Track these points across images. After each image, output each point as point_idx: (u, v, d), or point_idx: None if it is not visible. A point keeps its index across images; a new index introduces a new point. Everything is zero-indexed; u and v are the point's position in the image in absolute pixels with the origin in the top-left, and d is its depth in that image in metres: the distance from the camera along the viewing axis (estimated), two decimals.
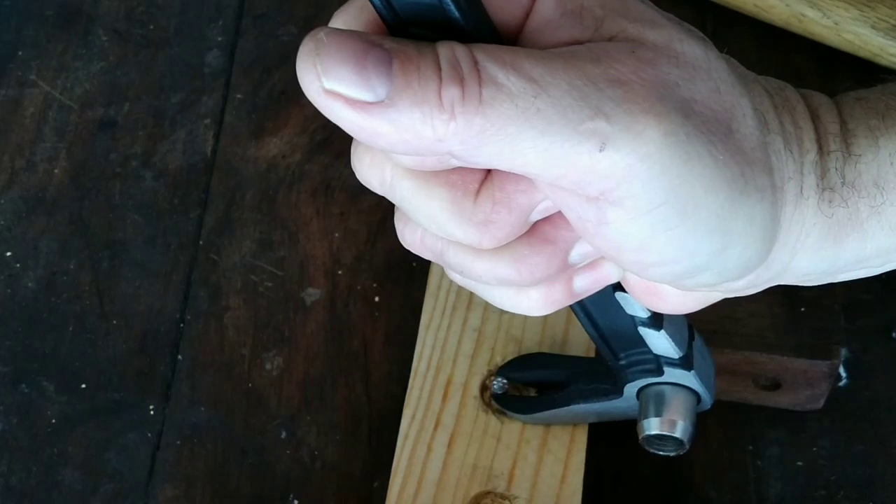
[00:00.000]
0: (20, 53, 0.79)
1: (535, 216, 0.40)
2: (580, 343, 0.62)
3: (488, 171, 0.40)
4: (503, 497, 0.57)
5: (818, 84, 0.77)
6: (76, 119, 0.76)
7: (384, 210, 0.72)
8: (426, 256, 0.43)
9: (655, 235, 0.39)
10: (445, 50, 0.36)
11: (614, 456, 0.62)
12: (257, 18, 0.80)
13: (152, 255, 0.71)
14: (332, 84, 0.36)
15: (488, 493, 0.58)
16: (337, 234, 0.71)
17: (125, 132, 0.75)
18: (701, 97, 0.38)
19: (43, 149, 0.75)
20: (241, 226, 0.72)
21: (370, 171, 0.41)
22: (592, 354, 0.61)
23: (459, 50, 0.37)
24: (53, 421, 0.65)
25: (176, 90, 0.77)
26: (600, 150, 0.37)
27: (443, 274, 0.64)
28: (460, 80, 0.36)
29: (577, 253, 0.42)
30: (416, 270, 0.69)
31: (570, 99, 0.36)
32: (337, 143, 0.74)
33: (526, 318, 0.62)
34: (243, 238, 0.71)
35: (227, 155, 0.74)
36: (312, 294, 0.69)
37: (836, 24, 0.73)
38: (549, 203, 0.40)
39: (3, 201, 0.73)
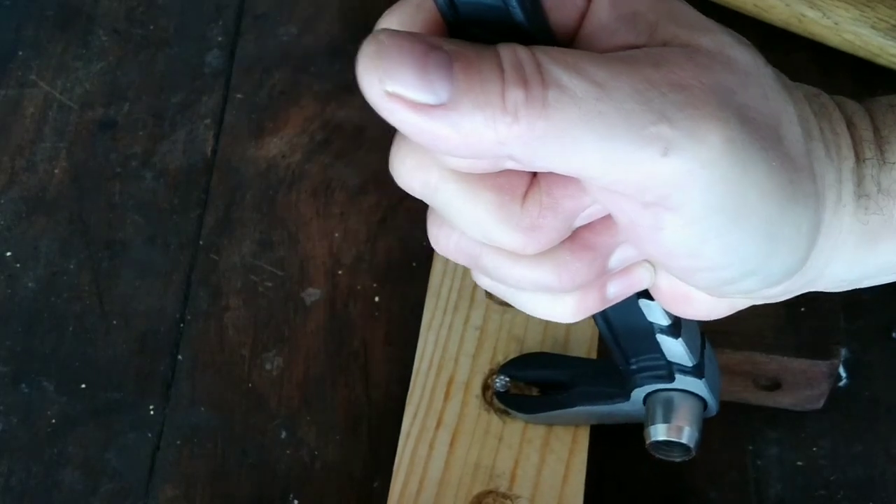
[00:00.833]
0: (20, 53, 0.79)
1: (579, 222, 0.40)
2: (582, 344, 0.62)
3: (535, 175, 0.39)
4: (505, 496, 0.57)
5: (818, 84, 0.77)
6: (76, 119, 0.76)
7: (384, 210, 0.72)
8: (459, 261, 0.43)
9: (708, 241, 0.38)
10: (507, 52, 0.36)
11: (615, 456, 0.62)
12: (257, 18, 0.80)
13: (152, 255, 0.71)
14: (393, 87, 0.35)
15: (490, 492, 0.58)
16: (337, 234, 0.71)
17: (125, 132, 0.75)
18: (753, 103, 0.38)
19: (43, 149, 0.75)
20: (241, 226, 0.72)
21: (413, 174, 0.40)
22: (594, 356, 0.61)
23: (522, 52, 0.36)
24: (53, 421, 0.65)
25: (176, 90, 0.77)
26: (663, 156, 0.36)
27: (444, 272, 0.64)
28: (524, 83, 0.35)
29: (617, 259, 0.41)
30: (416, 270, 0.69)
31: (633, 103, 0.36)
32: (337, 143, 0.74)
33: (528, 317, 0.62)
34: (243, 238, 0.71)
35: (227, 155, 0.74)
36: (312, 294, 0.69)
37: (836, 24, 0.73)
38: (594, 209, 0.40)
39: (3, 201, 0.73)
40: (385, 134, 0.84)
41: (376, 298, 0.69)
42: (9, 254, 0.71)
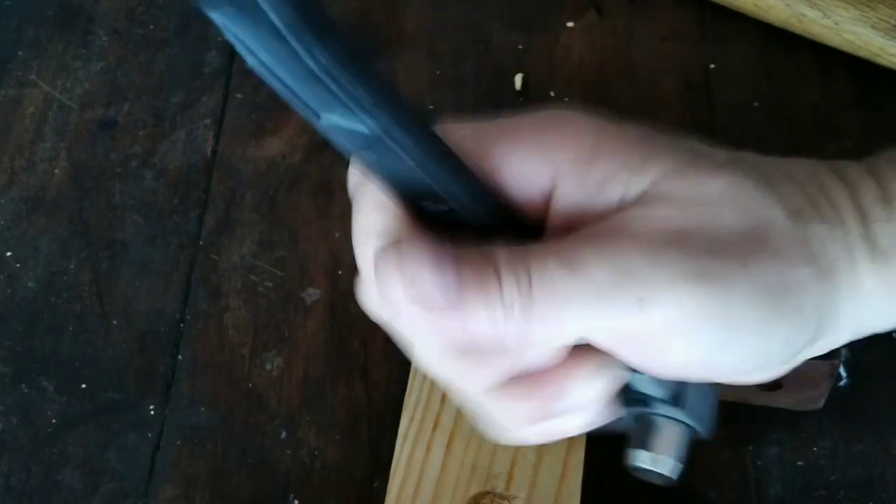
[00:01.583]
0: (20, 53, 0.79)
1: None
2: None
3: None
4: (502, 497, 0.57)
5: (818, 84, 0.77)
6: (76, 119, 0.76)
7: None
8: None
9: (713, 355, 0.42)
10: (502, 254, 0.41)
11: (613, 456, 0.62)
12: None
13: (152, 255, 0.71)
14: (413, 292, 0.40)
15: (487, 493, 0.58)
16: (337, 234, 0.71)
17: (125, 132, 0.75)
18: (727, 225, 0.42)
19: (43, 149, 0.75)
20: (241, 226, 0.72)
21: (382, 309, 0.45)
22: None
23: (512, 255, 0.41)
24: (53, 421, 0.65)
25: (176, 90, 0.77)
26: (640, 311, 0.41)
27: None
28: (516, 282, 0.41)
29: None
30: None
31: (604, 276, 0.41)
32: None
33: None
34: (243, 238, 0.71)
35: (227, 155, 0.74)
36: (312, 294, 0.69)
37: (836, 24, 0.73)
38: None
39: (3, 201, 0.73)
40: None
41: None
42: (9, 254, 0.71)
